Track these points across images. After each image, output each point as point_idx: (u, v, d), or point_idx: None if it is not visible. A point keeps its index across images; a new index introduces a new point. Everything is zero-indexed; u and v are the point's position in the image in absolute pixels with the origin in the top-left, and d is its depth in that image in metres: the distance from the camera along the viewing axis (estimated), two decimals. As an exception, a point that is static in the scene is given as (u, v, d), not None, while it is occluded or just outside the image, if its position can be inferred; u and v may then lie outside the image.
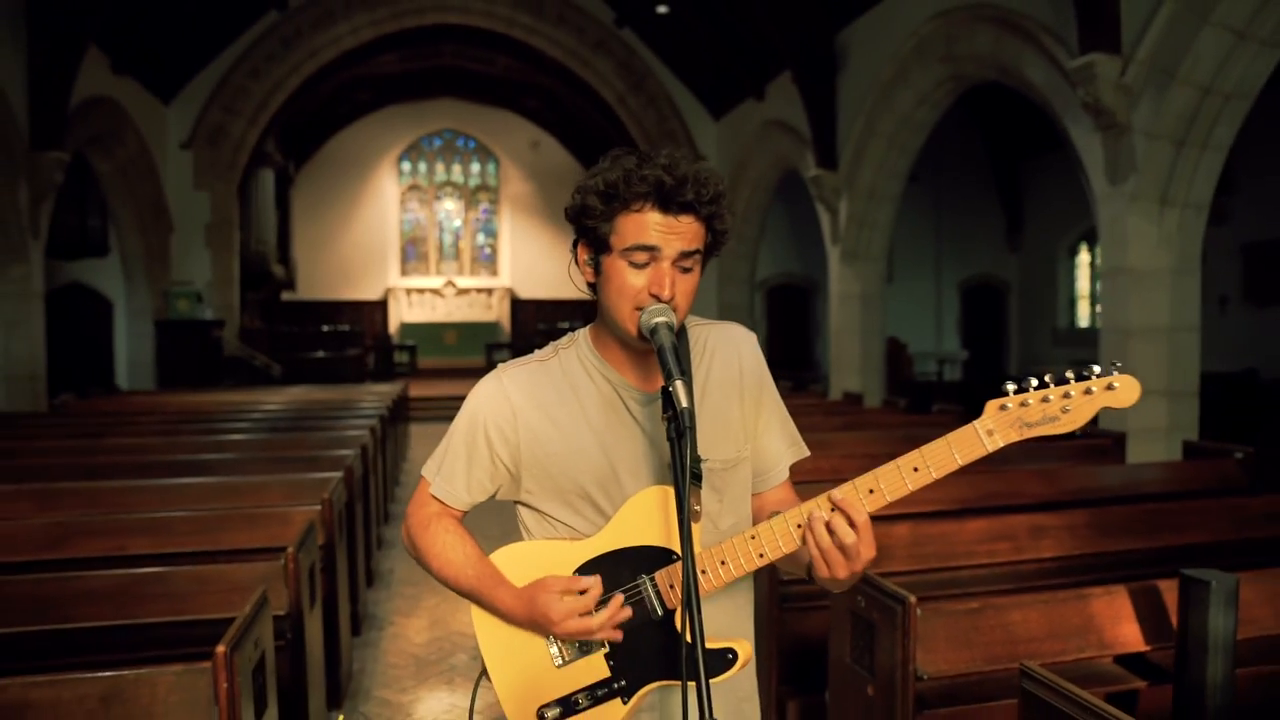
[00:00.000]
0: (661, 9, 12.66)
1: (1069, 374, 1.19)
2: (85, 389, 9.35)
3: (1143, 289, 6.06)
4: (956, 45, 7.99)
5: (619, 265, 1.28)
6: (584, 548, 1.34)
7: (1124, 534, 3.27)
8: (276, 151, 15.86)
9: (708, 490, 1.34)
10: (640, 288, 1.26)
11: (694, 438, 1.17)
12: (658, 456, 1.34)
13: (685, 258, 1.27)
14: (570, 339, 1.43)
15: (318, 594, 3.01)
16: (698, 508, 1.26)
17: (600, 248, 1.30)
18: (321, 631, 3.12)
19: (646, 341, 1.26)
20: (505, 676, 1.37)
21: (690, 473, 1.15)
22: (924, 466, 1.22)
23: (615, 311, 1.30)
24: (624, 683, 1.32)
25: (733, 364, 1.41)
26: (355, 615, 4.39)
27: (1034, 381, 1.19)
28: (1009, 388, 1.19)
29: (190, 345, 12.31)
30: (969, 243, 16.71)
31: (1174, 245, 6.05)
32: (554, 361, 1.41)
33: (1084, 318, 15.87)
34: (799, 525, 1.25)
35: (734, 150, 13.51)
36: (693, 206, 1.25)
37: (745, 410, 1.41)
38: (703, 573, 1.29)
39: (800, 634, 3.00)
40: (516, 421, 1.37)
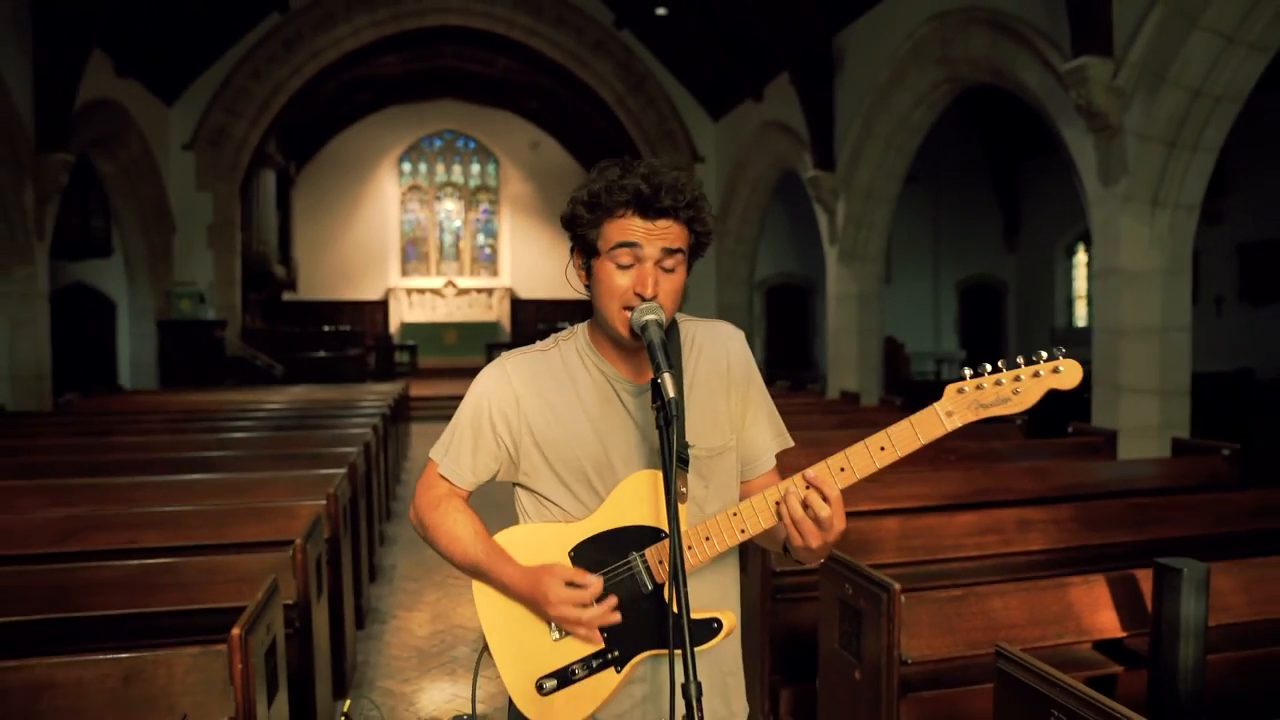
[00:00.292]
0: (660, 11, 12.73)
1: (1019, 359, 1.30)
2: (89, 388, 9.44)
3: (1135, 289, 6.13)
4: (952, 48, 8.07)
5: (607, 267, 1.38)
6: (579, 528, 1.44)
7: (1110, 527, 3.35)
8: (278, 152, 15.93)
9: (694, 476, 1.43)
10: (626, 287, 1.36)
11: (681, 425, 1.27)
12: (648, 444, 1.44)
13: (668, 256, 1.37)
14: (570, 332, 1.53)
15: (324, 585, 3.09)
16: (684, 490, 1.36)
17: (590, 253, 1.41)
18: (328, 622, 3.20)
19: (637, 338, 1.36)
20: (506, 650, 1.46)
21: (677, 457, 1.25)
22: (890, 445, 1.32)
23: (606, 311, 1.40)
24: (617, 653, 1.41)
25: (720, 360, 1.51)
26: (359, 609, 4.47)
27: (988, 367, 1.29)
28: (966, 373, 1.30)
29: (193, 345, 12.41)
30: (967, 243, 16.78)
31: (1165, 246, 6.12)
32: (554, 352, 1.50)
33: (1081, 318, 15.93)
34: (777, 502, 1.35)
35: (733, 151, 13.57)
36: (670, 211, 1.35)
37: (732, 403, 1.51)
38: (689, 548, 1.38)
39: (792, 624, 3.09)
40: (519, 406, 1.47)
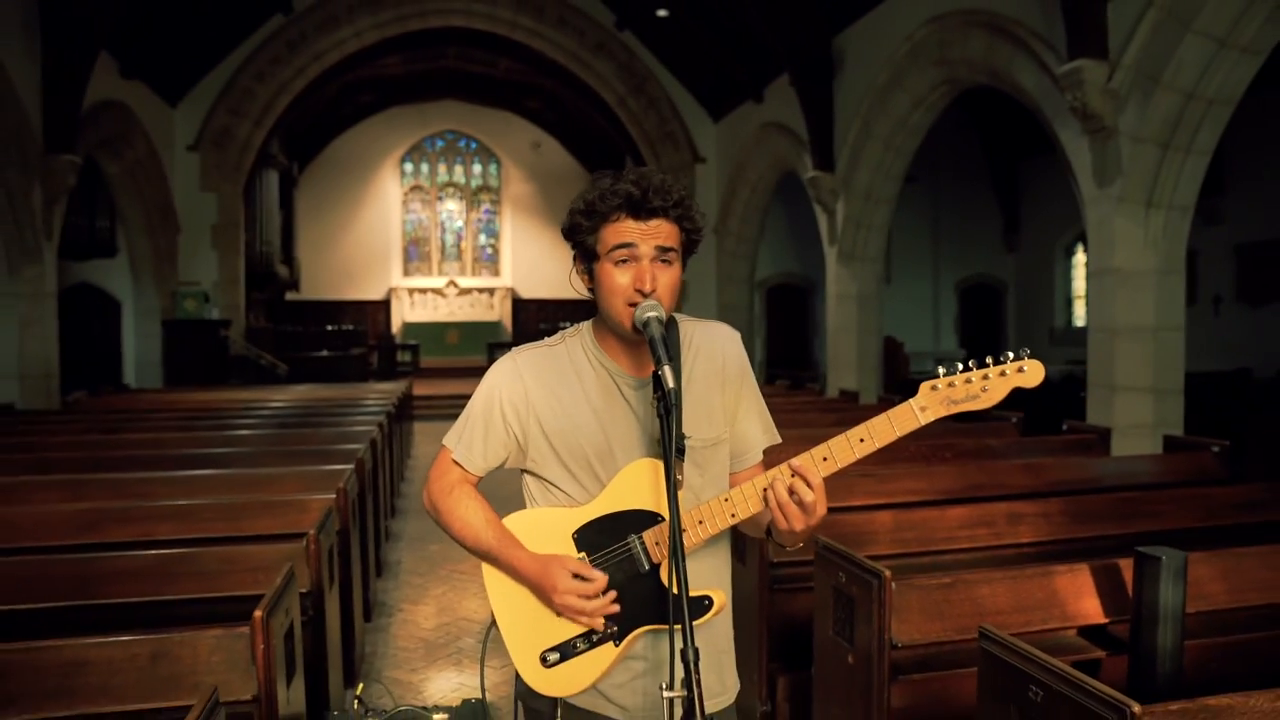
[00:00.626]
0: (661, 12, 12.82)
1: (989, 359, 1.40)
2: (96, 387, 9.54)
3: (1129, 289, 6.22)
4: (950, 50, 8.15)
5: (607, 268, 1.49)
6: (582, 512, 1.54)
7: (1098, 520, 3.44)
8: (281, 153, 16.04)
9: (690, 465, 1.54)
10: (626, 284, 1.47)
11: (679, 415, 1.37)
12: (647, 435, 1.54)
13: (663, 253, 1.48)
14: (576, 329, 1.63)
15: (335, 576, 3.19)
16: (680, 477, 1.45)
17: (591, 257, 1.52)
18: (339, 611, 3.30)
19: (639, 333, 1.46)
20: (512, 625, 1.57)
21: (675, 447, 1.35)
22: (869, 437, 1.45)
23: (610, 309, 1.50)
24: (615, 628, 1.51)
25: (716, 358, 1.61)
26: (366, 601, 4.57)
27: (959, 366, 1.39)
28: (940, 371, 1.40)
29: (197, 344, 12.52)
30: (966, 243, 16.85)
31: (1159, 246, 6.21)
32: (561, 348, 1.61)
33: (1080, 318, 16.00)
34: (764, 489, 1.46)
35: (733, 151, 13.66)
36: (660, 211, 1.46)
37: (726, 398, 1.62)
38: (683, 530, 1.47)
39: (789, 614, 3.18)
40: (528, 398, 1.57)
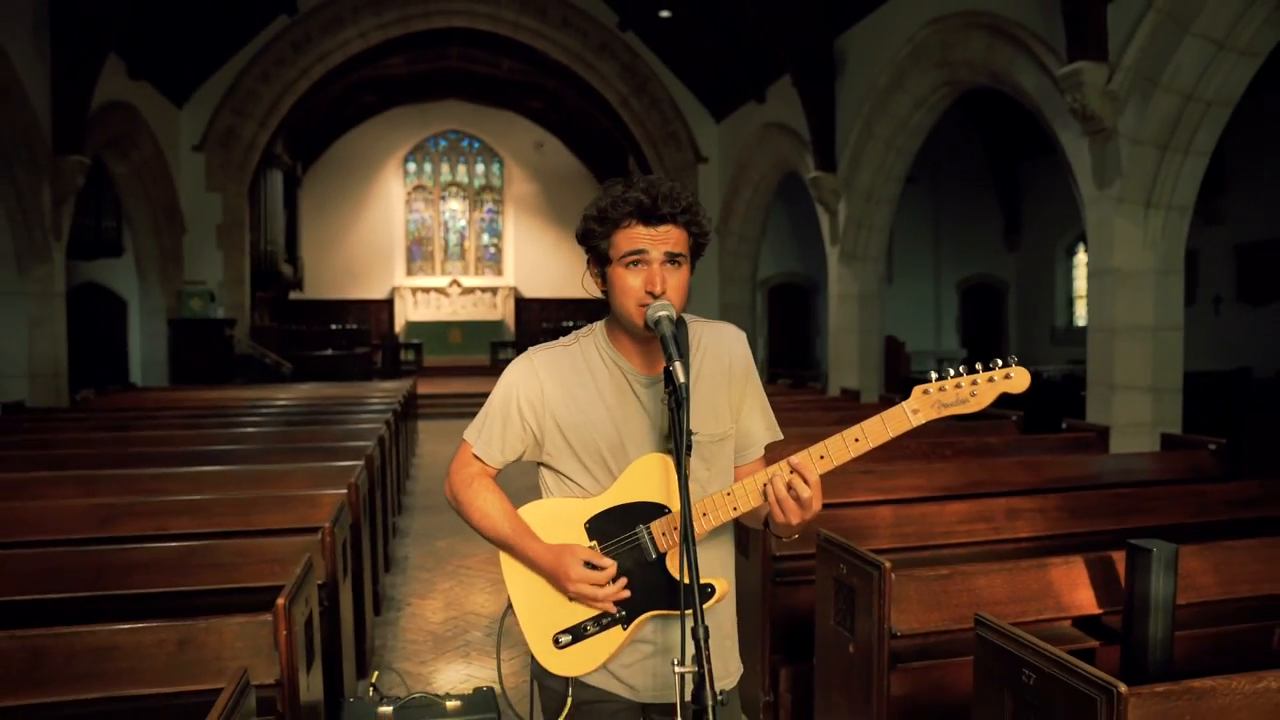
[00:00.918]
0: (664, 13, 12.89)
1: (978, 365, 1.48)
2: (103, 385, 9.62)
3: (1128, 289, 6.28)
4: (951, 51, 8.21)
5: (620, 272, 1.57)
6: (594, 503, 1.62)
7: (1094, 516, 3.51)
8: (285, 153, 16.11)
9: (698, 459, 1.62)
10: (638, 286, 1.55)
11: (689, 408, 1.44)
12: (657, 430, 1.62)
13: (671, 259, 1.55)
14: (589, 330, 1.71)
15: (348, 568, 3.26)
16: (688, 471, 1.51)
17: (603, 261, 1.59)
18: (352, 602, 3.37)
19: (651, 332, 1.53)
20: (527, 609, 1.65)
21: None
22: (863, 437, 1.53)
23: (623, 310, 1.58)
24: (624, 613, 1.60)
25: (723, 357, 1.69)
26: (376, 595, 4.65)
27: (950, 371, 1.48)
28: (932, 375, 1.49)
29: (203, 343, 12.59)
30: (968, 243, 16.90)
31: (1158, 247, 6.27)
32: (575, 347, 1.69)
33: (1081, 317, 16.04)
34: (764, 484, 1.54)
35: (735, 152, 13.71)
36: (669, 217, 1.54)
37: (732, 396, 1.70)
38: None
39: (791, 607, 3.25)
40: (543, 395, 1.65)
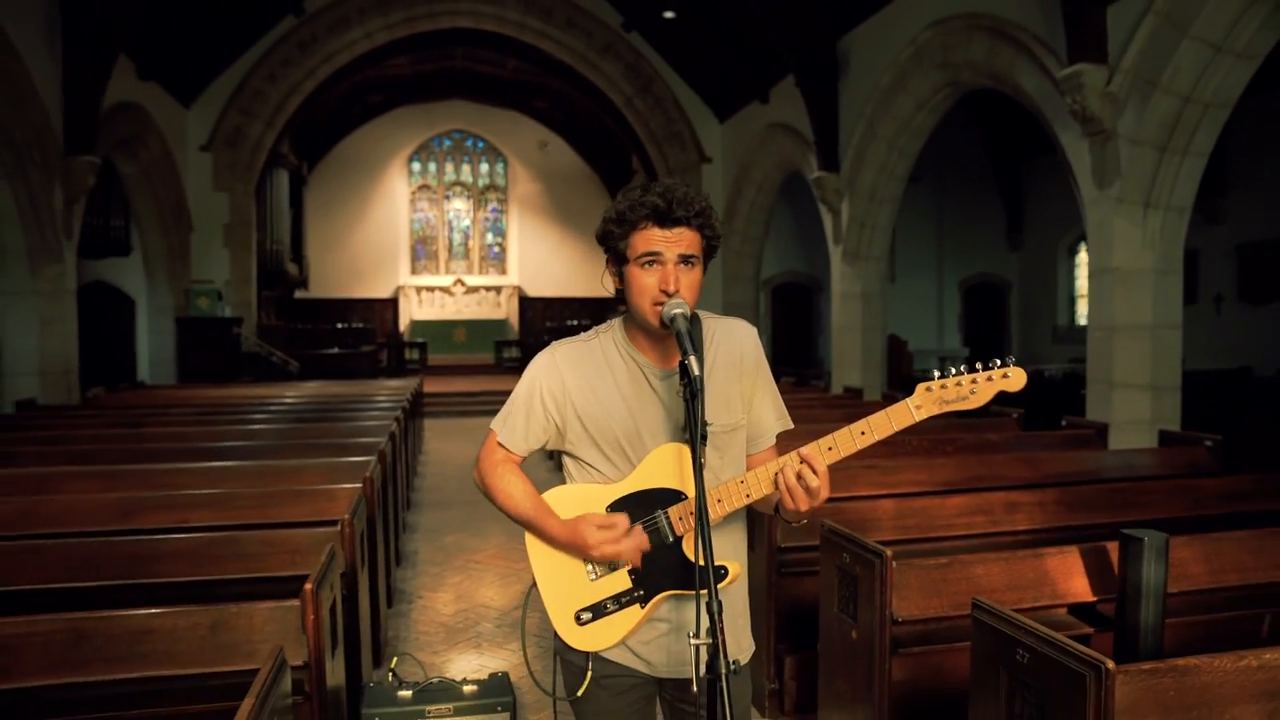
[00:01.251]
0: (668, 14, 12.97)
1: (978, 365, 1.59)
2: (113, 383, 9.72)
3: (1127, 288, 6.37)
4: (953, 53, 8.29)
5: (636, 271, 1.66)
6: (614, 489, 1.72)
7: (1091, 509, 3.60)
8: (291, 152, 16.21)
9: (711, 448, 1.71)
10: (653, 285, 1.64)
11: (704, 400, 1.53)
12: (672, 421, 1.72)
13: (685, 260, 1.65)
14: (608, 326, 1.81)
15: (365, 558, 3.36)
16: (703, 460, 1.60)
17: (621, 260, 1.68)
18: (369, 592, 3.47)
19: (666, 328, 1.62)
20: (551, 588, 1.75)
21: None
22: (869, 430, 1.64)
23: (639, 307, 1.67)
24: (642, 592, 1.70)
25: (735, 351, 1.79)
26: (389, 588, 4.74)
27: (952, 370, 1.58)
28: (935, 374, 1.59)
29: (210, 341, 12.70)
30: (970, 242, 16.97)
31: (1157, 246, 6.35)
32: (595, 342, 1.79)
33: (1083, 316, 16.09)
34: (776, 473, 1.64)
35: (739, 152, 13.80)
36: (683, 220, 1.63)
37: (744, 388, 1.79)
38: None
39: (796, 597, 3.34)
40: (565, 387, 1.75)
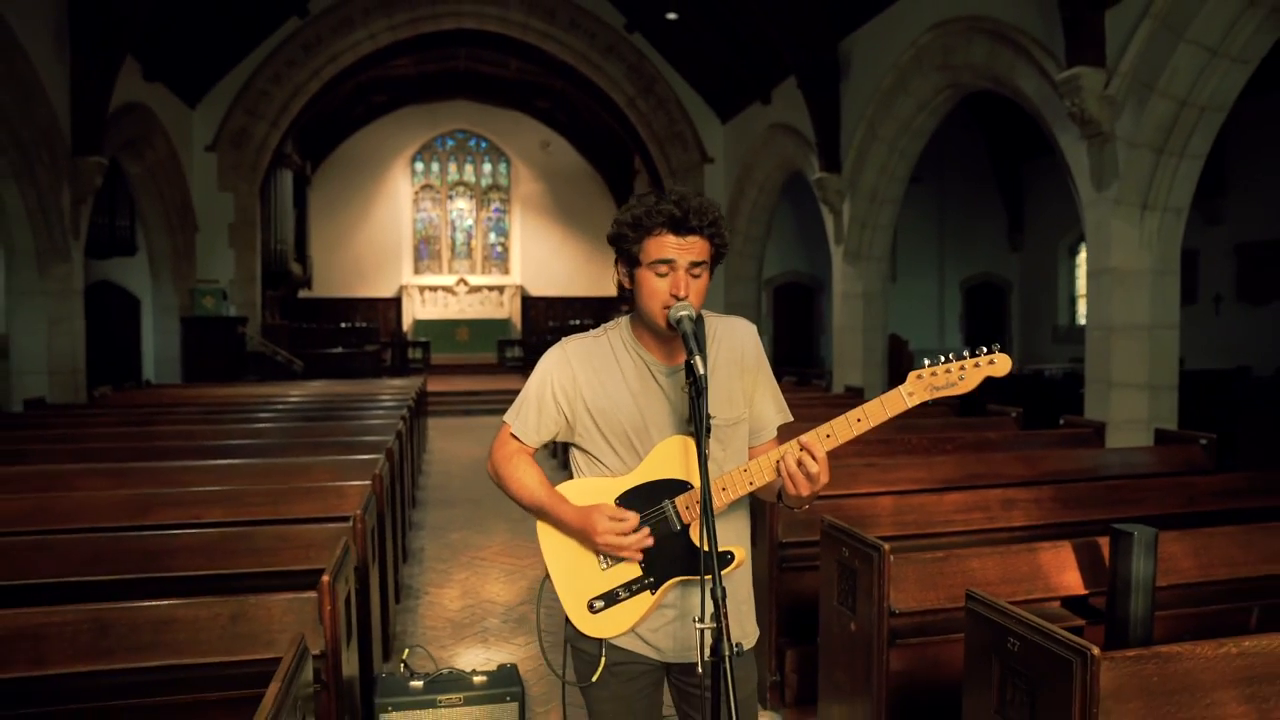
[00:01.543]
0: (671, 15, 13.04)
1: (965, 352, 1.64)
2: (119, 383, 9.80)
3: (1125, 288, 6.44)
4: (953, 56, 8.36)
5: (647, 275, 1.73)
6: (623, 481, 1.80)
7: (1086, 506, 3.67)
8: (295, 153, 16.29)
9: (715, 441, 1.78)
10: (663, 290, 1.71)
11: (707, 396, 1.60)
12: (677, 415, 1.79)
13: (695, 266, 1.72)
14: (616, 323, 1.89)
15: (375, 554, 3.43)
16: (707, 452, 1.68)
17: (633, 263, 1.76)
18: (379, 586, 3.54)
19: (673, 330, 1.70)
20: (563, 577, 1.83)
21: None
22: (864, 417, 1.70)
23: (648, 309, 1.74)
24: (652, 579, 1.77)
25: (736, 349, 1.87)
26: (396, 584, 4.81)
27: (941, 358, 1.64)
28: (925, 362, 1.64)
29: (215, 341, 12.78)
30: (971, 242, 17.02)
31: (1154, 247, 6.42)
32: (604, 338, 1.87)
33: (1083, 316, 16.11)
34: (778, 461, 1.71)
35: (741, 152, 13.86)
36: (697, 229, 1.70)
37: (745, 383, 1.87)
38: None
39: (796, 592, 3.41)
40: (575, 381, 1.83)
